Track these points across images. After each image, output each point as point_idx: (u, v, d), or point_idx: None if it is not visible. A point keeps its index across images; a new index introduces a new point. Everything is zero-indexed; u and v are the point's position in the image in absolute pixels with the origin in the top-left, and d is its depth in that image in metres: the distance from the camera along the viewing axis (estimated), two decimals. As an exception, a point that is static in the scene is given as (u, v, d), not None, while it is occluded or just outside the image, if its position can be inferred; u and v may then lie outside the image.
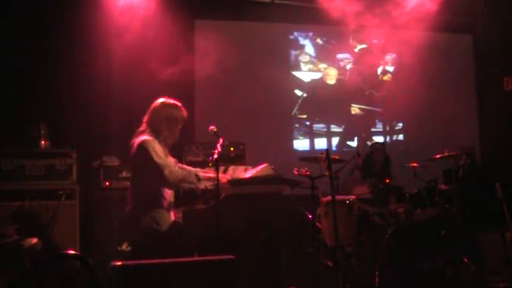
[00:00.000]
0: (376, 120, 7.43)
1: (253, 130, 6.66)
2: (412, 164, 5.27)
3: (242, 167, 4.34)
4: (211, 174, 3.85)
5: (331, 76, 7.36)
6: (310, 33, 7.35)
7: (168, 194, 3.94)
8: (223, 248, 3.16)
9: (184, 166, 4.14)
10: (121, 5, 6.03)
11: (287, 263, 4.19)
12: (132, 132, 4.01)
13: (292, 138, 7.12)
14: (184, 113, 4.04)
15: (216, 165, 3.67)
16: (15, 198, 4.86)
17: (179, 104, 4.04)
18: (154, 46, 5.97)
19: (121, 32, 5.87)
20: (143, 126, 3.97)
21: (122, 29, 5.89)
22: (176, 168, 3.91)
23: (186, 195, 4.35)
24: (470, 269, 4.81)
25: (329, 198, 4.64)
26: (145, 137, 3.86)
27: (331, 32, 7.39)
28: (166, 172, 3.73)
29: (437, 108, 7.46)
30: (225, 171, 4.13)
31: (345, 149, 7.06)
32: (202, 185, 3.87)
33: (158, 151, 3.81)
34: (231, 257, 2.82)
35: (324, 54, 7.38)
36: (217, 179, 3.64)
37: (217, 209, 3.61)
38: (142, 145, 3.80)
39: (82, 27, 5.76)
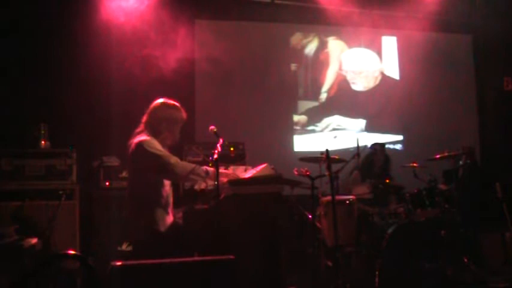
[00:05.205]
0: (377, 121, 7.42)
1: (253, 130, 6.66)
2: (412, 164, 5.27)
3: (242, 167, 4.33)
4: (223, 170, 3.86)
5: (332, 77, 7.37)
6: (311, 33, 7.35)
7: (167, 193, 3.94)
8: (223, 248, 3.16)
9: None
10: (121, 5, 6.03)
11: (287, 263, 4.19)
12: (132, 132, 4.01)
13: (292, 139, 7.12)
14: (184, 113, 4.03)
15: (216, 165, 3.67)
16: (15, 198, 4.85)
17: (178, 104, 4.04)
18: (155, 46, 5.97)
19: (121, 32, 5.87)
20: (141, 127, 3.96)
21: (122, 29, 5.89)
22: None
23: (186, 195, 4.36)
24: (470, 269, 4.81)
25: (329, 198, 4.64)
26: (143, 137, 3.85)
27: (331, 32, 7.39)
28: (172, 161, 3.73)
29: (437, 108, 7.47)
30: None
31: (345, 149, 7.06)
32: (209, 181, 3.87)
33: (158, 147, 3.81)
34: (231, 257, 2.82)
35: (324, 55, 7.37)
36: (217, 179, 3.63)
37: (217, 209, 3.61)
38: (141, 144, 3.79)
39: (82, 28, 5.75)
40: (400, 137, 7.47)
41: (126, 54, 5.90)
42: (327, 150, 4.59)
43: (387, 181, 5.33)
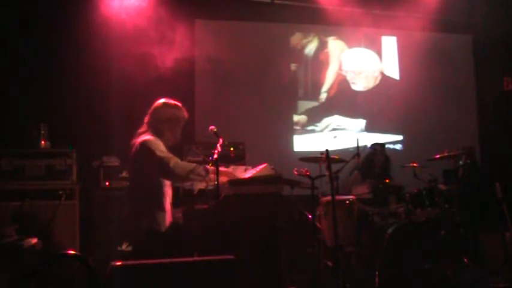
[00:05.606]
0: (377, 121, 7.42)
1: (253, 130, 6.66)
2: (412, 164, 5.27)
3: (242, 167, 4.34)
4: (222, 168, 3.86)
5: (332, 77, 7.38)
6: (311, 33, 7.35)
7: (168, 194, 3.94)
8: (223, 248, 3.16)
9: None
10: (121, 5, 6.03)
11: (287, 263, 4.19)
12: (132, 132, 4.01)
13: (292, 139, 7.12)
14: (186, 113, 4.05)
15: (216, 165, 3.67)
16: (15, 198, 4.85)
17: (180, 104, 4.05)
18: (154, 46, 5.97)
19: (121, 32, 5.87)
20: (144, 127, 3.97)
21: (121, 28, 5.89)
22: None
23: (186, 195, 4.35)
24: (470, 269, 4.81)
25: (329, 198, 4.64)
26: (147, 136, 3.86)
27: (331, 32, 7.39)
28: (171, 164, 3.73)
29: (437, 108, 7.47)
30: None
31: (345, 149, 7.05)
32: (210, 179, 3.87)
33: (161, 148, 3.82)
34: (231, 257, 2.82)
35: (324, 55, 7.37)
36: (217, 179, 3.64)
37: (217, 209, 3.61)
38: (144, 144, 3.81)
39: (82, 27, 5.76)
40: (400, 137, 7.47)
41: (126, 54, 5.90)
42: (326, 150, 4.58)
43: (387, 181, 5.33)
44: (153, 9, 6.10)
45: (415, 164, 5.25)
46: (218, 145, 3.87)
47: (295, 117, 7.18)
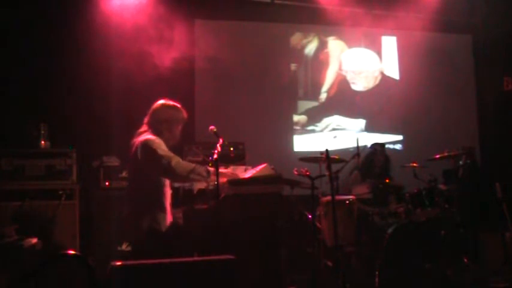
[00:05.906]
0: (377, 121, 7.42)
1: (253, 130, 6.66)
2: (412, 164, 5.27)
3: (242, 167, 4.34)
4: (222, 169, 3.86)
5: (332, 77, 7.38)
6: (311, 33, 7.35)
7: (168, 193, 3.94)
8: (223, 248, 3.16)
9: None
10: (121, 4, 6.03)
11: (287, 263, 4.20)
12: (132, 132, 4.02)
13: (292, 139, 7.12)
14: (184, 114, 4.06)
15: (216, 165, 3.67)
16: (15, 198, 4.85)
17: (179, 105, 4.06)
18: (154, 46, 5.97)
19: (121, 32, 5.87)
20: (144, 127, 3.98)
21: (121, 28, 5.89)
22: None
23: (186, 195, 4.35)
24: (470, 269, 4.81)
25: (329, 198, 4.64)
26: (149, 136, 3.87)
27: (331, 32, 7.39)
28: (173, 162, 3.73)
29: (437, 108, 7.47)
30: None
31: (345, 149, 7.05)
32: (211, 180, 3.87)
33: (163, 147, 3.82)
34: (231, 257, 2.82)
35: (324, 55, 7.37)
36: (217, 179, 3.64)
37: (217, 209, 3.61)
38: (146, 142, 3.81)
39: (82, 27, 5.76)
40: (400, 137, 7.47)
41: (126, 54, 5.90)
42: (326, 150, 4.59)
43: (387, 181, 5.33)
44: (153, 9, 6.10)
45: (415, 164, 5.25)
46: (218, 145, 3.87)
47: (295, 117, 7.18)
